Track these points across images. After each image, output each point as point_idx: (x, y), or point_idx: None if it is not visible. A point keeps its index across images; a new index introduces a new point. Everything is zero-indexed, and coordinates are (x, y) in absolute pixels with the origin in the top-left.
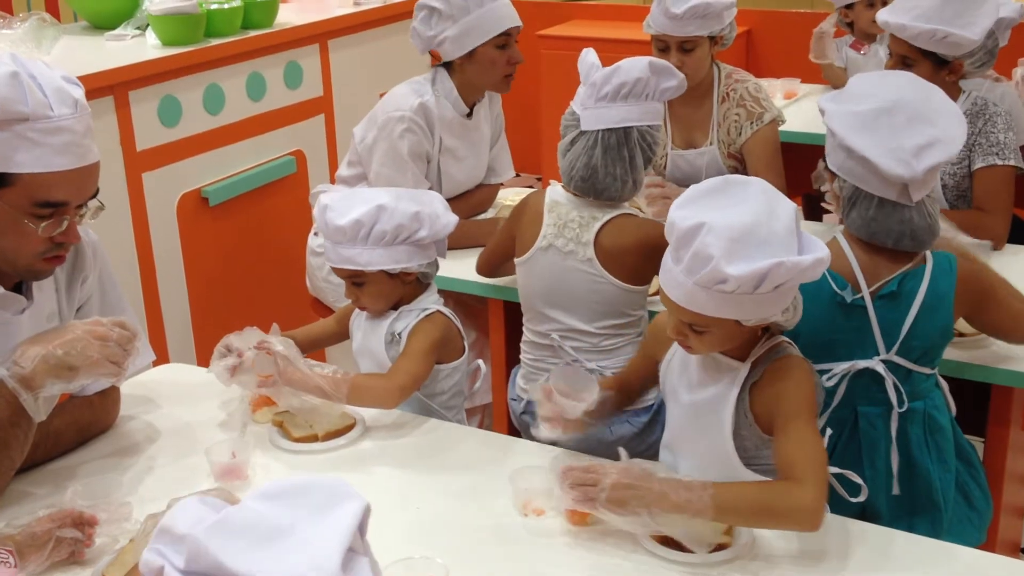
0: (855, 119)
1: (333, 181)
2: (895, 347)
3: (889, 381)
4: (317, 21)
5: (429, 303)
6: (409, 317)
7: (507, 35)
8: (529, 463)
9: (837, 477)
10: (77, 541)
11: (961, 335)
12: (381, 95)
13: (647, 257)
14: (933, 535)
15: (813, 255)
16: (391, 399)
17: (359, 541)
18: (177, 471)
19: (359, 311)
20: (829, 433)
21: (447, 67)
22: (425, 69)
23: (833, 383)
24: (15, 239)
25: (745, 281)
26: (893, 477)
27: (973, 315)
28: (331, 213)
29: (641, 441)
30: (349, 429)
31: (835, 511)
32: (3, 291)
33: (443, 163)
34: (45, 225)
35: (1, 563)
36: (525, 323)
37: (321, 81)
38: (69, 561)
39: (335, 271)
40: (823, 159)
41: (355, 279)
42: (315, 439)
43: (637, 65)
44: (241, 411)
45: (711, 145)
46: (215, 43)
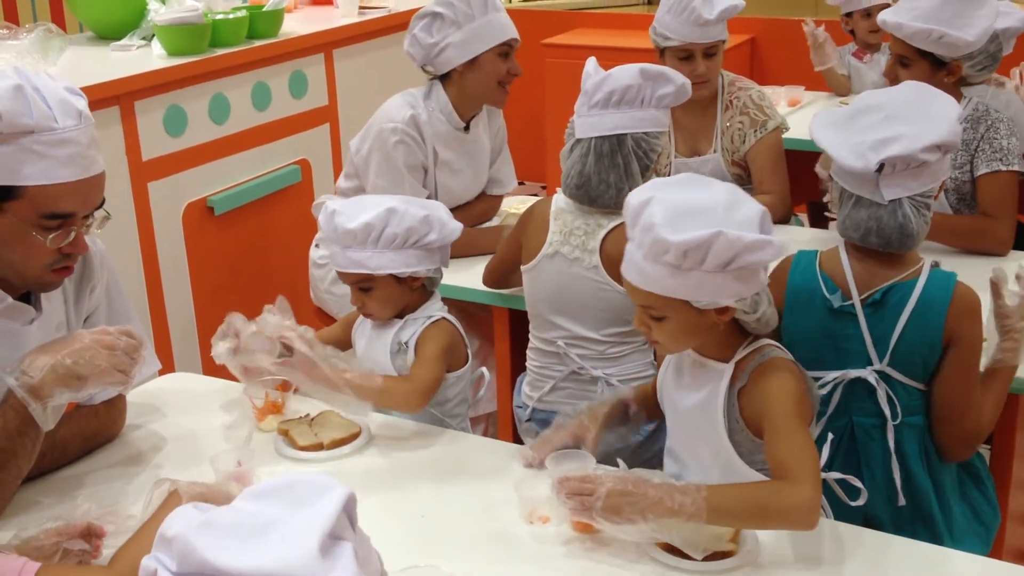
0: (831, 117)
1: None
2: (887, 357)
3: (881, 392)
4: (322, 31)
5: (434, 311)
6: (415, 326)
7: (508, 45)
8: (533, 471)
9: (838, 482)
10: (84, 552)
11: None
12: None
13: None
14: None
15: (761, 235)
16: (417, 402)
17: (347, 528)
18: (183, 480)
19: (362, 319)
20: (831, 438)
21: (443, 81)
22: (422, 76)
23: (827, 391)
24: (23, 252)
25: (685, 248)
26: (896, 489)
27: (949, 345)
28: (340, 217)
29: (647, 449)
30: (354, 438)
31: (839, 519)
32: (12, 301)
33: (439, 176)
34: (53, 237)
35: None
36: (531, 330)
37: (326, 91)
38: None
39: (342, 276)
40: (819, 163)
41: (363, 284)
42: (320, 447)
43: (627, 72)
44: (247, 420)
45: (715, 153)
46: (220, 53)
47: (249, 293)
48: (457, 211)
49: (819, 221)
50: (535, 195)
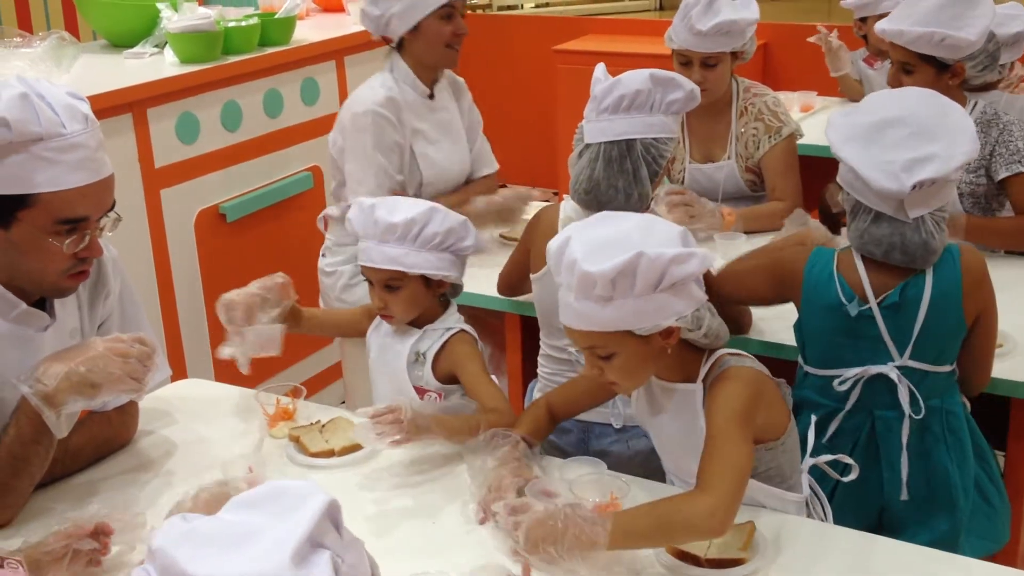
0: (852, 130)
1: None
2: (908, 352)
3: (903, 388)
4: (333, 38)
5: (452, 322)
6: (433, 337)
7: (450, 6)
8: (544, 478)
9: (830, 464)
10: (95, 552)
11: None
12: None
13: None
14: (952, 534)
15: (683, 249)
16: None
17: (329, 535)
18: (194, 486)
19: (377, 324)
20: (814, 419)
21: (400, 51)
22: None
23: (846, 387)
24: (40, 259)
25: (611, 277)
26: (922, 480)
27: (978, 317)
28: (381, 210)
29: (657, 456)
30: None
31: (857, 511)
32: (26, 308)
33: (416, 146)
34: (69, 242)
35: (11, 571)
36: (542, 337)
37: (338, 97)
38: (87, 571)
39: (370, 273)
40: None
41: (392, 282)
42: (331, 454)
43: (637, 78)
44: (258, 426)
45: (729, 159)
46: (232, 60)
47: None
48: (455, 194)
49: (833, 228)
50: (548, 201)
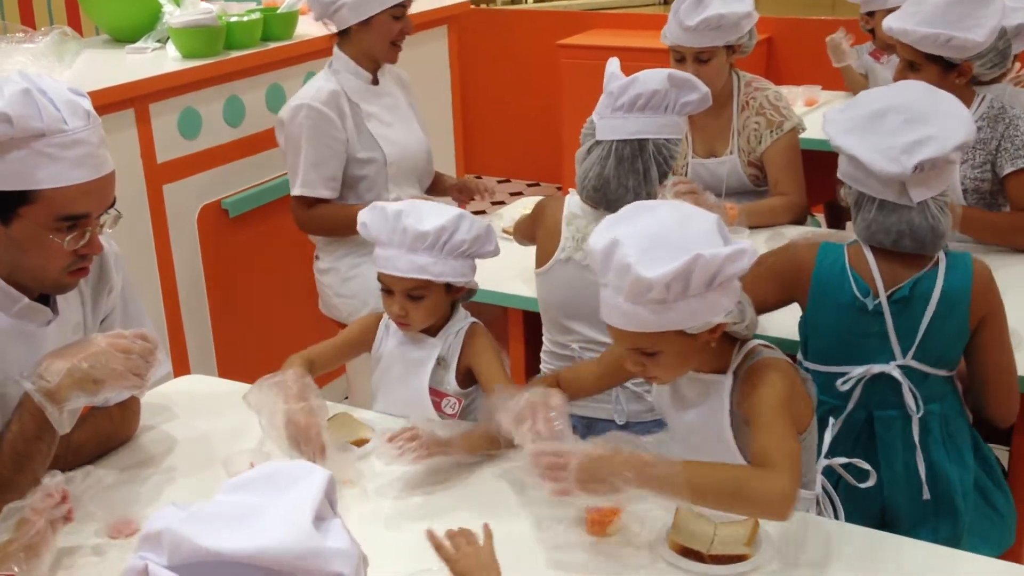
0: (849, 122)
1: None
2: (911, 351)
3: (905, 386)
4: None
5: (461, 319)
6: (449, 339)
7: (402, 6)
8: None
9: (846, 467)
10: (60, 520)
11: None
12: None
13: None
14: (954, 537)
15: (734, 246)
16: None
17: (328, 512)
18: (196, 482)
19: (384, 335)
20: (832, 423)
21: (342, 37)
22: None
23: (849, 387)
24: (41, 255)
25: (669, 282)
26: (921, 481)
27: (980, 324)
28: (409, 219)
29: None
30: (365, 442)
31: (856, 512)
32: (28, 302)
33: (374, 128)
34: (70, 239)
35: None
36: (545, 334)
37: None
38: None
39: (393, 282)
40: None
41: (416, 291)
42: (364, 442)
43: (655, 77)
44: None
45: (731, 154)
46: (235, 55)
47: (264, 296)
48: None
49: (836, 221)
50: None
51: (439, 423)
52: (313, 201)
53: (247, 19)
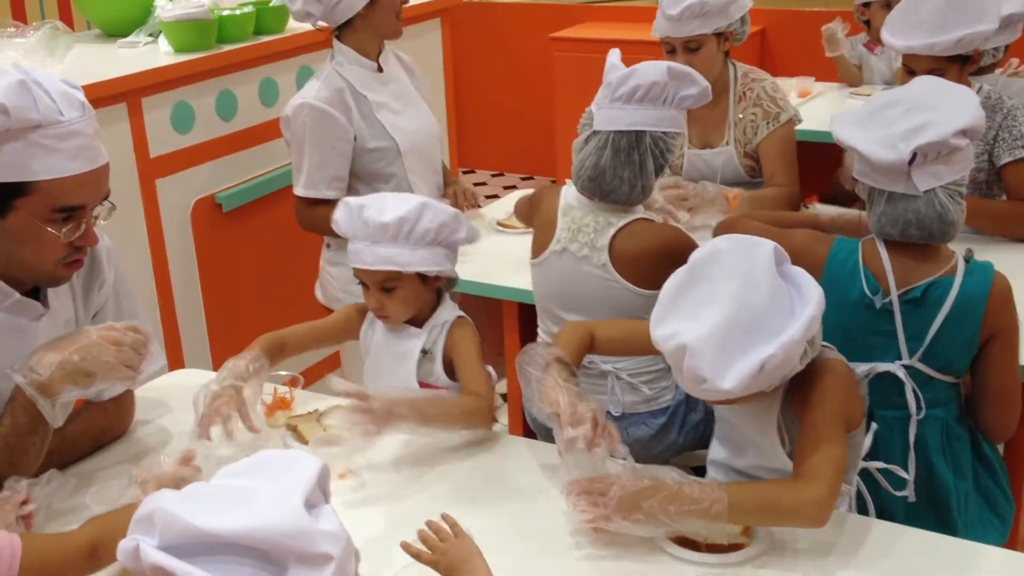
0: (853, 116)
1: None
2: (919, 353)
3: (908, 387)
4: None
5: (448, 313)
6: (435, 332)
7: None
8: (547, 462)
9: (881, 472)
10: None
11: None
12: None
13: (662, 263)
14: None
15: (801, 321)
16: (491, 419)
17: (320, 500)
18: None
19: (368, 328)
20: (875, 427)
21: (340, 32)
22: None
23: None
24: (36, 248)
25: (744, 385)
26: (909, 483)
27: (990, 338)
28: (370, 211)
29: (658, 443)
30: None
31: (857, 510)
32: (20, 297)
33: (384, 117)
34: (66, 230)
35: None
36: (540, 324)
37: None
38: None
39: (364, 275)
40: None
41: (388, 283)
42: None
43: (655, 69)
44: (255, 416)
45: (727, 145)
46: (227, 49)
47: (258, 290)
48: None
49: None
50: None
51: (396, 390)
52: (317, 201)
53: (239, 12)
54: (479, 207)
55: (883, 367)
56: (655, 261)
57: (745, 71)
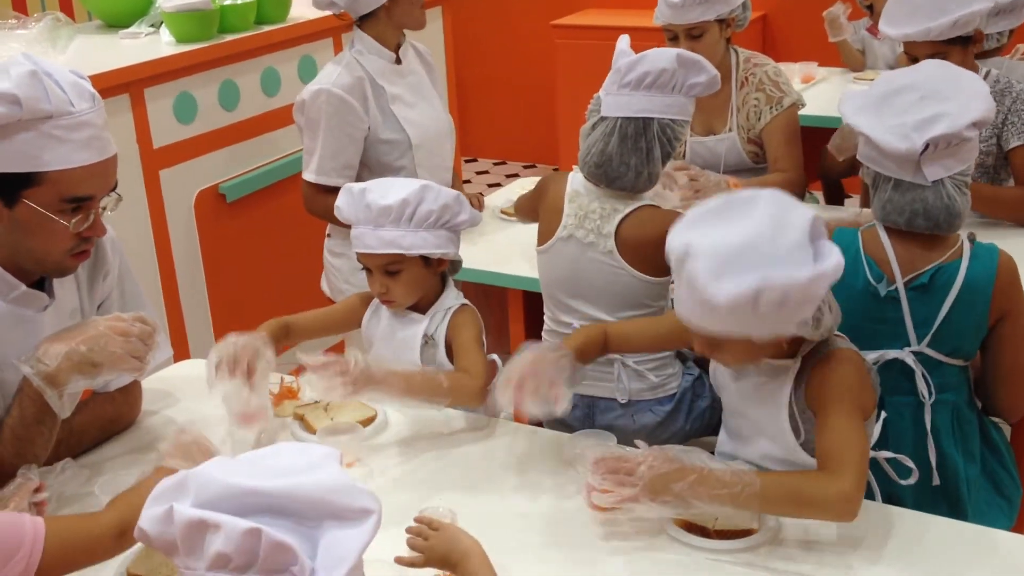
0: (864, 100)
1: None
2: (927, 339)
3: (918, 373)
4: (331, 15)
5: (452, 300)
6: (438, 318)
7: None
8: (551, 451)
9: (889, 462)
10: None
11: None
12: None
13: None
14: None
15: (812, 270)
16: (480, 398)
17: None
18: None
19: (373, 314)
20: (883, 416)
21: (363, 22)
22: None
23: None
24: (45, 238)
25: (734, 304)
26: (930, 468)
27: (1000, 319)
28: (372, 194)
29: (664, 430)
30: (370, 421)
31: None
32: (25, 289)
33: (398, 111)
34: (75, 221)
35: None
36: (546, 312)
37: None
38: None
39: (367, 259)
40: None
41: (391, 267)
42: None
43: (665, 55)
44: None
45: (730, 131)
46: (229, 39)
47: (263, 280)
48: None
49: (834, 198)
50: None
51: (375, 358)
52: (323, 187)
53: (241, 2)
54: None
55: (892, 354)
56: (661, 248)
57: (747, 56)
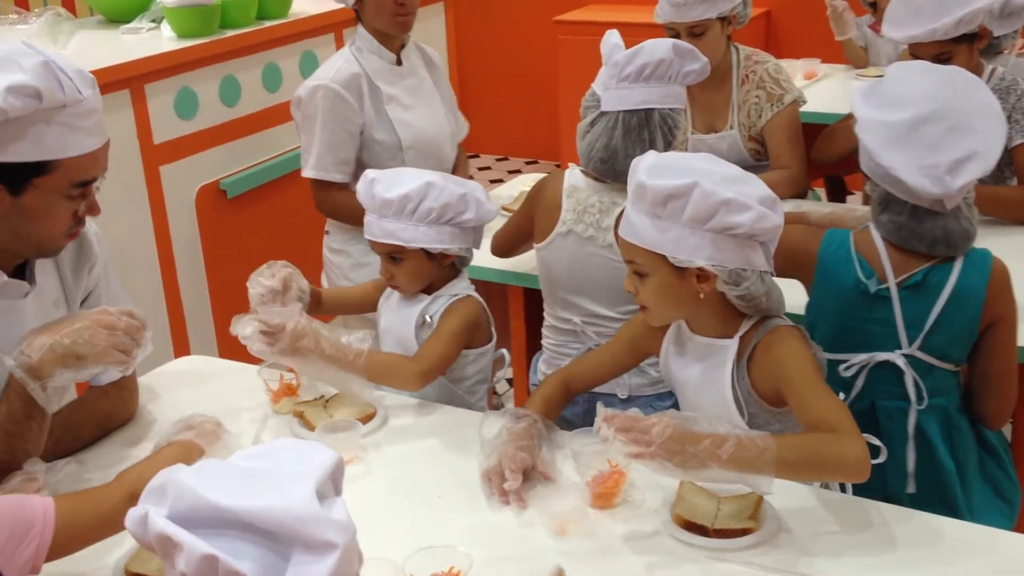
0: (889, 131)
1: None
2: (918, 341)
3: (909, 376)
4: (332, 10)
5: (459, 289)
6: (440, 302)
7: None
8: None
9: (887, 464)
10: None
11: None
12: None
13: None
14: None
15: (745, 199)
16: (416, 382)
17: (331, 493)
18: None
19: (388, 292)
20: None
21: (361, 19)
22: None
23: (851, 374)
24: (48, 222)
25: (665, 195)
26: (908, 475)
27: (991, 325)
28: (379, 186)
29: None
30: (370, 418)
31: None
32: (6, 279)
33: (392, 112)
34: (83, 204)
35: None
36: (546, 309)
37: None
38: None
39: (373, 245)
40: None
41: (394, 255)
42: (370, 418)
43: (661, 46)
44: (261, 402)
45: (731, 129)
46: (230, 34)
47: None
48: None
49: (837, 195)
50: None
51: (315, 322)
52: (326, 184)
53: None
54: None
55: (882, 356)
56: None
57: (748, 54)
